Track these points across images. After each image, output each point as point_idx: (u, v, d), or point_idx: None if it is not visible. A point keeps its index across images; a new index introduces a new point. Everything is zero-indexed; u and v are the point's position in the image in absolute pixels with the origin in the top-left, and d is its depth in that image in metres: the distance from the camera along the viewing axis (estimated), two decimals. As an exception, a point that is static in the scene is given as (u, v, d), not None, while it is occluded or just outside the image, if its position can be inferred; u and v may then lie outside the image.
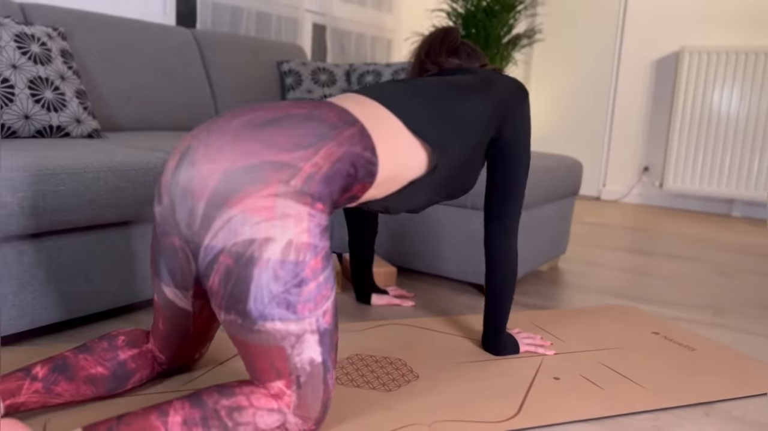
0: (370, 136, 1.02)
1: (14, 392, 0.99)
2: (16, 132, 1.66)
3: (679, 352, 1.57)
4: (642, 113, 4.43)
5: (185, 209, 0.91)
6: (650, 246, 2.98)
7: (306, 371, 0.95)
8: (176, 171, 0.93)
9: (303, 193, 0.90)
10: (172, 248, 1.02)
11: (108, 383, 1.11)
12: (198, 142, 0.92)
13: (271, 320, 0.90)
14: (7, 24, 1.72)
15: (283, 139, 0.91)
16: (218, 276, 0.90)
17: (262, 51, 2.80)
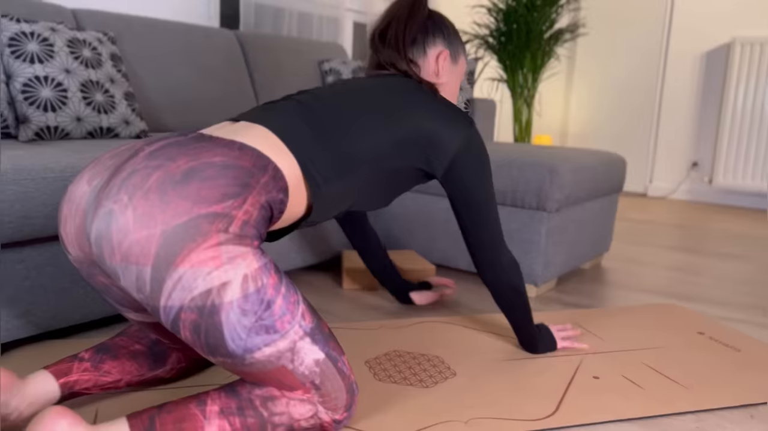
0: (284, 177, 1.01)
1: (66, 371, 1.06)
2: (69, 134, 1.73)
3: (724, 353, 1.53)
4: (691, 106, 4.31)
5: (131, 276, 0.88)
6: (697, 244, 2.90)
7: (316, 372, 0.97)
8: (100, 239, 0.89)
9: (242, 236, 0.91)
10: (103, 286, 1.02)
11: (148, 359, 1.16)
12: (120, 206, 0.88)
13: (258, 349, 0.92)
14: (61, 30, 1.79)
15: (210, 191, 0.90)
16: (188, 331, 0.90)
17: (303, 51, 2.84)
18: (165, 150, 0.93)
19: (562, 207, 1.89)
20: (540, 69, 3.28)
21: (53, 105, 1.69)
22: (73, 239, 0.96)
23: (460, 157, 1.23)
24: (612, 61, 4.63)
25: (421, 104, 1.21)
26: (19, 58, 1.67)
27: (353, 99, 1.16)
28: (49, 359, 1.32)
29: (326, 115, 1.11)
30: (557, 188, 1.83)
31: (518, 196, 1.89)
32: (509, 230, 1.93)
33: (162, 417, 0.90)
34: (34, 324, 1.33)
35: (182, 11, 2.62)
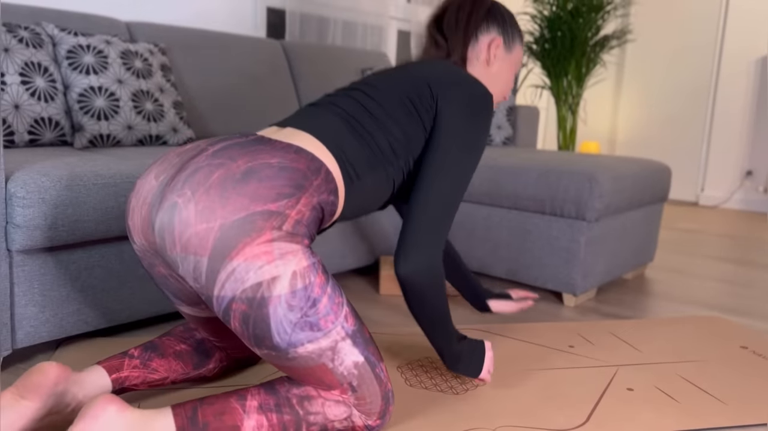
0: (334, 179, 1.06)
1: (118, 367, 1.12)
2: (120, 141, 1.82)
3: (767, 368, 1.49)
4: (745, 114, 4.18)
5: (189, 266, 0.94)
6: (748, 255, 2.81)
7: (355, 374, 1.01)
8: (164, 229, 0.94)
9: (294, 234, 0.96)
10: (163, 277, 1.09)
11: (193, 358, 1.22)
12: (184, 200, 0.94)
13: (301, 344, 0.96)
14: (114, 42, 1.88)
15: (266, 191, 0.96)
16: (237, 321, 0.95)
17: (347, 59, 2.89)
18: (227, 150, 0.99)
19: (602, 216, 1.87)
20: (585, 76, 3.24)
21: (106, 114, 1.78)
22: (139, 229, 1.02)
23: (453, 107, 1.16)
24: (663, 67, 4.53)
25: (442, 66, 1.20)
26: (76, 70, 1.76)
27: (389, 88, 1.17)
28: (99, 355, 1.39)
29: (362, 112, 1.14)
30: (597, 197, 1.81)
31: (557, 204, 1.88)
32: (548, 238, 1.92)
33: (204, 409, 0.95)
34: (85, 322, 1.40)
35: (230, 22, 2.70)
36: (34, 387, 1.00)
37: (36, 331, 1.32)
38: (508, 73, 1.34)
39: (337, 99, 1.17)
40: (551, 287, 1.94)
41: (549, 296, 2.03)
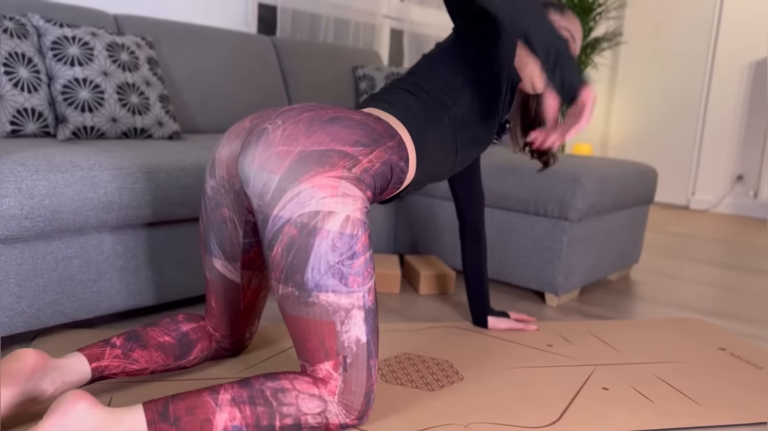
0: (407, 148, 1.16)
1: (98, 356, 1.12)
2: (105, 134, 1.82)
3: (743, 370, 1.49)
4: (736, 118, 4.19)
5: (260, 182, 1.01)
6: (735, 259, 2.82)
7: (353, 350, 1.02)
8: (248, 149, 1.04)
9: (360, 180, 1.04)
10: (222, 220, 1.17)
11: (175, 350, 1.22)
12: (274, 126, 1.04)
13: (325, 291, 1.00)
14: (101, 35, 1.88)
15: (347, 135, 1.05)
16: (281, 246, 1.00)
17: (338, 57, 2.88)
18: (318, 104, 1.12)
19: (585, 217, 1.88)
20: (575, 77, 3.24)
21: (90, 106, 1.77)
22: (225, 160, 1.12)
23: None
24: (655, 71, 4.54)
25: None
26: (61, 61, 1.76)
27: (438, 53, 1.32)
28: (76, 347, 1.39)
29: (424, 74, 1.28)
30: (580, 197, 1.82)
31: (540, 204, 1.88)
32: (532, 238, 1.93)
33: (175, 404, 0.95)
34: (62, 314, 1.40)
35: (221, 18, 2.70)
36: (12, 373, 1.00)
37: (11, 322, 1.32)
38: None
39: (406, 84, 1.28)
40: (534, 286, 1.95)
41: (532, 295, 2.03)
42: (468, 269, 1.64)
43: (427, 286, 1.97)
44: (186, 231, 1.60)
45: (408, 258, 2.13)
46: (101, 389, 1.21)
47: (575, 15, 1.45)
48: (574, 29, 1.41)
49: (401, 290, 2.00)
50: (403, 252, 2.30)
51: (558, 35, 1.09)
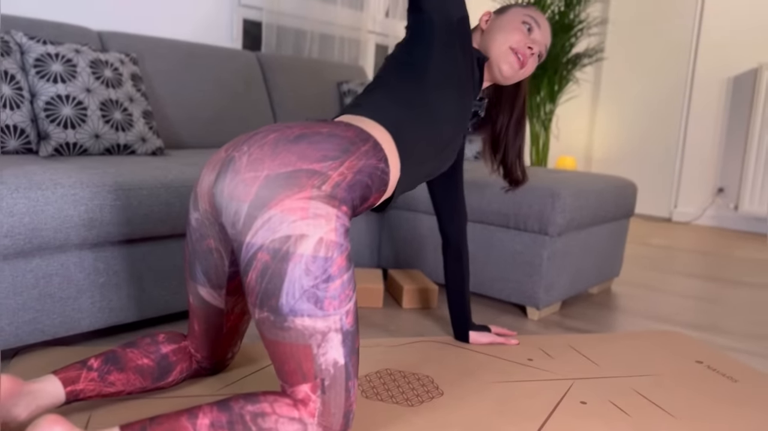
0: (383, 149, 1.16)
1: (74, 379, 1.12)
2: (87, 150, 1.82)
3: (720, 383, 1.52)
4: (717, 132, 4.26)
5: (231, 211, 1.01)
6: (716, 271, 2.86)
7: (330, 373, 1.01)
8: (219, 180, 1.05)
9: (332, 197, 1.03)
10: (208, 250, 1.17)
11: (153, 373, 1.22)
12: (240, 153, 1.04)
13: (300, 315, 0.99)
14: (84, 51, 1.89)
15: (314, 152, 1.05)
16: (255, 272, 1.00)
17: (323, 72, 2.91)
18: (284, 124, 1.12)
19: (565, 231, 1.90)
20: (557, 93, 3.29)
21: (73, 122, 1.78)
22: (205, 193, 1.11)
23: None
24: (638, 85, 4.60)
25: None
26: (43, 78, 1.76)
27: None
28: (56, 365, 1.39)
29: (388, 71, 1.31)
30: (559, 212, 1.84)
31: (521, 219, 1.90)
32: (512, 252, 1.95)
33: (153, 428, 0.94)
34: (41, 331, 1.39)
35: (206, 33, 2.72)
36: None
37: (-10, 339, 1.31)
38: (510, 22, 1.42)
39: (372, 85, 1.30)
40: (515, 300, 1.96)
41: (514, 309, 2.05)
42: (450, 285, 1.66)
43: (410, 300, 1.98)
44: (167, 247, 1.61)
45: (391, 272, 2.14)
46: (79, 408, 1.20)
47: (539, 9, 1.50)
48: (510, 16, 1.44)
49: (384, 305, 2.01)
50: (386, 266, 2.32)
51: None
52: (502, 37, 1.40)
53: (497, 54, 1.41)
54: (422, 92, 1.26)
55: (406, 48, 1.31)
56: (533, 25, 1.41)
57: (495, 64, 1.42)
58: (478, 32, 1.49)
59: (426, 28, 1.30)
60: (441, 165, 1.38)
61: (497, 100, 1.57)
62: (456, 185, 1.62)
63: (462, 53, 1.33)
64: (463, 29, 1.34)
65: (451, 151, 1.38)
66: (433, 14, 1.30)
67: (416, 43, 1.30)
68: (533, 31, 1.41)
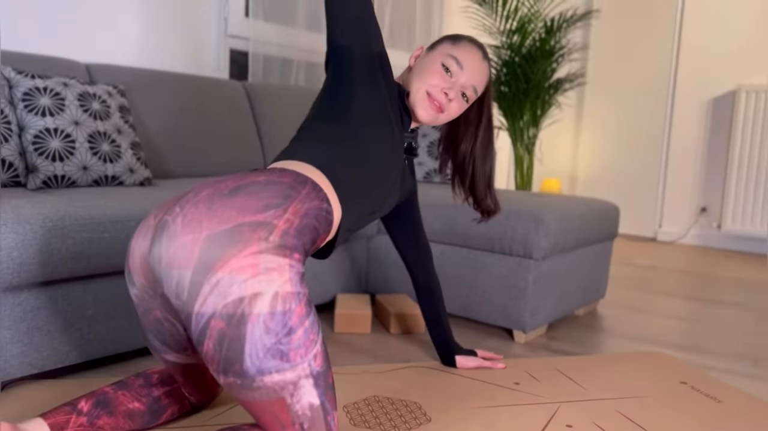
0: (322, 188, 1.12)
1: (63, 425, 1.10)
2: (76, 182, 1.83)
3: (703, 403, 1.54)
4: (698, 152, 4.34)
5: (172, 281, 0.94)
6: (699, 291, 2.90)
7: (308, 416, 0.99)
8: (154, 248, 0.98)
9: (282, 246, 0.98)
10: (156, 322, 1.10)
11: (144, 417, 1.21)
12: (173, 216, 0.98)
13: (269, 373, 0.95)
14: (72, 85, 1.91)
15: (253, 203, 0.99)
16: (212, 342, 0.94)
17: (309, 100, 2.95)
18: (214, 179, 1.06)
19: (549, 255, 1.93)
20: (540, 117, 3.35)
21: (61, 155, 1.80)
22: (138, 266, 1.03)
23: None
24: (620, 108, 4.69)
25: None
26: (32, 112, 1.78)
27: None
28: (45, 398, 1.39)
29: (309, 115, 1.30)
30: (543, 236, 1.87)
31: (506, 243, 1.93)
32: (498, 276, 1.97)
33: None
34: (29, 365, 1.40)
35: (193, 64, 2.75)
36: None
37: (-22, 374, 1.31)
38: (430, 64, 1.37)
39: (298, 134, 1.28)
40: (501, 323, 1.99)
41: (500, 332, 2.07)
42: (427, 319, 1.67)
43: (397, 326, 2.00)
44: (156, 278, 1.62)
45: (379, 298, 2.16)
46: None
47: (472, 44, 1.40)
48: (438, 53, 1.38)
49: (372, 330, 2.02)
50: (374, 291, 2.33)
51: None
52: (420, 79, 1.34)
53: (414, 97, 1.35)
54: (349, 130, 1.23)
55: (328, 94, 1.28)
56: (454, 68, 1.34)
57: (413, 105, 1.36)
58: (407, 70, 1.44)
59: (347, 63, 1.27)
60: (382, 202, 1.34)
61: (458, 125, 1.51)
62: (413, 224, 1.62)
63: (385, 85, 1.31)
64: (382, 63, 1.33)
65: (391, 186, 1.34)
66: (352, 47, 1.28)
67: (337, 84, 1.27)
68: (454, 74, 1.34)
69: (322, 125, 1.24)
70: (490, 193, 1.51)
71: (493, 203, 1.51)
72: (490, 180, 1.50)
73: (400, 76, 1.46)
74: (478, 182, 1.49)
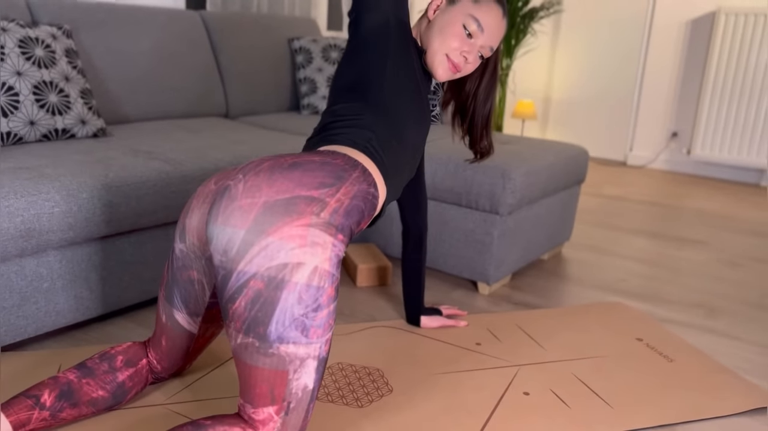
0: (371, 173, 1.18)
1: (25, 422, 1.11)
2: (23, 138, 1.74)
3: (656, 363, 1.60)
4: (673, 76, 4.28)
5: (225, 237, 1.00)
6: (664, 227, 2.95)
7: (297, 397, 1.04)
8: (214, 207, 1.04)
9: (330, 224, 1.04)
10: (189, 281, 1.18)
11: (107, 402, 1.23)
12: (236, 182, 1.05)
13: (286, 343, 1.00)
14: (11, 29, 1.77)
15: (309, 179, 1.06)
16: (245, 300, 0.99)
17: (272, 28, 2.80)
18: (274, 155, 1.14)
19: (516, 210, 1.92)
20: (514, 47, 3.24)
21: (4, 110, 1.69)
22: (195, 227, 1.12)
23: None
24: (596, 29, 4.55)
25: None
26: (-32, 64, 1.66)
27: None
28: (7, 371, 1.38)
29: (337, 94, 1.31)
30: (509, 192, 1.86)
31: (472, 198, 1.92)
32: (464, 231, 1.97)
33: None
34: (-13, 341, 1.38)
35: (146, -10, 2.57)
36: None
37: (-67, 357, 1.29)
38: (450, 24, 1.33)
39: (330, 116, 1.29)
40: (467, 276, 2.00)
41: (466, 283, 2.09)
42: (406, 273, 1.68)
43: (364, 279, 2.01)
44: (113, 245, 1.58)
45: (347, 248, 2.15)
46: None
47: (493, 2, 1.34)
48: (481, 15, 1.33)
49: (341, 282, 2.03)
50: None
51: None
52: (440, 40, 1.33)
53: (433, 56, 1.34)
54: (386, 111, 1.26)
55: (360, 65, 1.28)
56: (476, 30, 1.31)
57: (430, 64, 1.35)
58: (424, 20, 1.40)
59: (383, 34, 1.27)
60: (415, 165, 1.40)
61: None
62: (419, 175, 1.62)
63: (415, 53, 1.33)
64: (409, 30, 1.33)
65: (421, 149, 1.40)
66: (389, 17, 1.28)
67: (372, 55, 1.27)
68: (475, 35, 1.32)
69: (359, 106, 1.26)
70: (487, 134, 1.51)
71: (488, 144, 1.52)
72: (488, 122, 1.51)
73: (417, 25, 1.41)
74: (476, 122, 1.50)
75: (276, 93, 2.79)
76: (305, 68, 2.81)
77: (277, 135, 2.20)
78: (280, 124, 2.51)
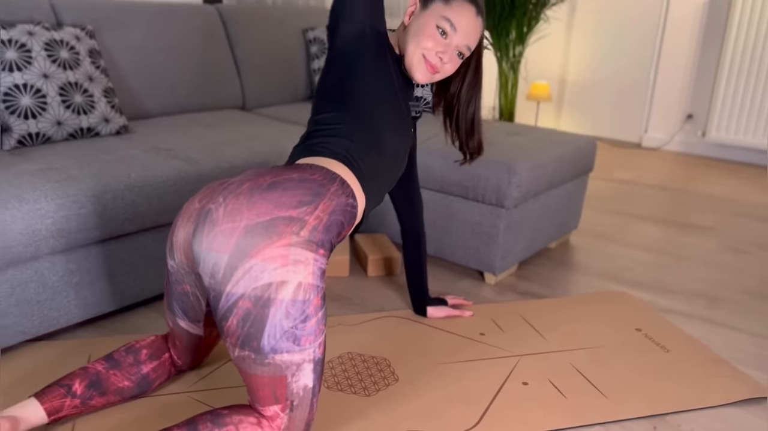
0: (349, 184, 1.23)
1: (58, 409, 1.23)
2: (51, 138, 1.84)
3: (653, 354, 1.67)
4: (689, 57, 4.26)
5: (210, 262, 1.06)
6: (673, 212, 2.98)
7: (299, 395, 1.13)
8: (197, 231, 1.09)
9: (310, 241, 1.09)
10: (184, 293, 1.25)
11: (132, 391, 1.34)
12: (216, 205, 1.10)
13: (280, 353, 1.08)
14: (38, 33, 1.86)
15: (288, 198, 1.10)
16: (236, 318, 1.07)
17: (287, 19, 2.85)
18: (255, 172, 1.18)
19: (521, 203, 1.99)
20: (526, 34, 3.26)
21: (33, 112, 1.79)
22: (181, 245, 1.17)
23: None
24: (613, 11, 4.52)
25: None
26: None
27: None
28: (41, 360, 1.49)
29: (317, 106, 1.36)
30: (515, 187, 1.92)
31: (479, 192, 1.98)
32: (471, 223, 2.04)
33: None
34: (23, 333, 1.49)
35: (164, -15, 2.63)
36: None
37: (-25, 348, 1.41)
38: (424, 26, 1.34)
39: (318, 123, 1.33)
40: (473, 266, 2.08)
41: (473, 273, 2.17)
42: (408, 267, 1.76)
43: (374, 269, 2.09)
44: (137, 241, 1.68)
45: (357, 238, 2.24)
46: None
47: (464, 2, 1.34)
48: (431, 14, 1.33)
49: (351, 272, 2.12)
50: (353, 231, 2.40)
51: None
52: (415, 42, 1.33)
53: (410, 58, 1.34)
54: (364, 119, 1.29)
55: (338, 76, 1.31)
56: (449, 29, 1.32)
57: (409, 67, 1.36)
58: (401, 27, 1.41)
59: (358, 44, 1.30)
60: (398, 171, 1.42)
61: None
62: (411, 178, 1.68)
63: (394, 61, 1.36)
64: (386, 39, 1.36)
65: (404, 155, 1.42)
66: (365, 26, 1.30)
67: (349, 66, 1.30)
68: (449, 35, 1.32)
69: (339, 116, 1.30)
70: (473, 136, 1.53)
71: (477, 145, 1.54)
72: (473, 124, 1.52)
73: (395, 33, 1.44)
74: (461, 123, 1.52)
75: (291, 84, 2.86)
76: (319, 58, 2.87)
77: (291, 127, 2.28)
78: (295, 115, 2.58)
